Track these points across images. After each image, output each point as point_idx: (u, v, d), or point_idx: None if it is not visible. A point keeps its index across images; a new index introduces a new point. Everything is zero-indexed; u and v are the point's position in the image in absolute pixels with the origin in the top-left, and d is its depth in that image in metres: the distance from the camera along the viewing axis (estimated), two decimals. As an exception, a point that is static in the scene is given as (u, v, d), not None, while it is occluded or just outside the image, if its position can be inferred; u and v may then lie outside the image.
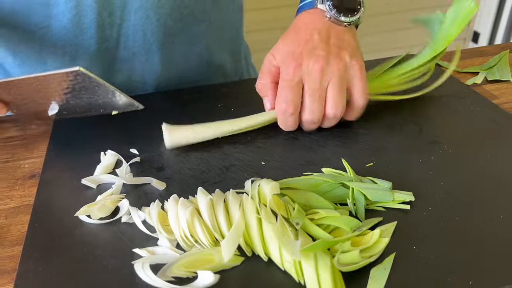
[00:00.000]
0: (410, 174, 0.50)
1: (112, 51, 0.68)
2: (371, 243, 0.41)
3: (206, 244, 0.41)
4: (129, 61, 0.70)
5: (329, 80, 0.52)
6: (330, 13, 0.55)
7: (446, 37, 0.61)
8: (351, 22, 0.55)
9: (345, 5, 0.55)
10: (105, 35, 0.66)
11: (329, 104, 0.53)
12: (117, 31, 0.66)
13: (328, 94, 0.53)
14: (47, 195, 0.50)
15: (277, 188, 0.44)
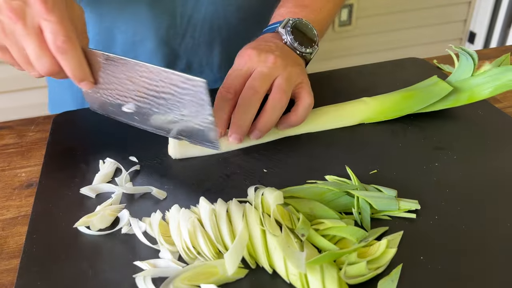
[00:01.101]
0: (415, 181, 0.50)
1: (178, 39, 0.72)
2: (378, 254, 0.40)
3: (209, 256, 0.40)
4: (191, 50, 0.74)
5: (279, 73, 0.53)
6: (287, 37, 0.58)
7: (473, 95, 0.59)
8: (303, 53, 0.59)
9: (302, 38, 0.59)
10: (175, 22, 0.70)
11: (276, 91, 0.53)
12: (187, 21, 0.70)
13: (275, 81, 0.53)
14: (44, 205, 0.49)
15: (281, 198, 0.43)
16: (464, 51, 0.62)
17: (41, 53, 0.45)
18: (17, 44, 0.45)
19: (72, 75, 0.47)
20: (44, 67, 0.45)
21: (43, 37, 0.44)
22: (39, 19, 0.44)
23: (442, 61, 0.77)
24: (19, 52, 0.45)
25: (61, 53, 0.44)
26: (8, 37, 0.45)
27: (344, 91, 0.68)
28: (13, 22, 0.43)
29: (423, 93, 0.60)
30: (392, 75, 0.72)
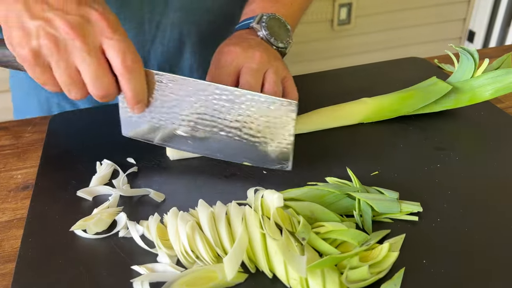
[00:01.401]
0: (417, 183, 0.49)
1: (147, 45, 0.71)
2: (380, 257, 0.39)
3: (208, 260, 0.40)
4: (161, 56, 0.73)
5: (267, 68, 0.53)
6: (263, 32, 0.57)
7: (474, 97, 0.58)
8: (279, 48, 0.58)
9: (276, 32, 0.58)
10: (143, 29, 0.68)
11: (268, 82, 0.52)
12: (155, 26, 0.69)
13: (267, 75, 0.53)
14: (40, 208, 0.48)
15: (281, 200, 0.42)
16: (464, 50, 0.61)
17: (101, 74, 0.43)
18: (68, 62, 0.42)
19: (133, 96, 0.45)
20: (102, 88, 0.43)
21: (104, 57, 0.43)
22: (101, 38, 0.42)
23: (443, 60, 0.76)
24: (67, 71, 0.43)
25: (129, 73, 0.43)
26: (59, 54, 0.42)
27: (344, 91, 0.67)
28: (70, 38, 0.41)
29: (422, 92, 0.60)
30: (392, 75, 0.71)
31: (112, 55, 0.42)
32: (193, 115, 0.48)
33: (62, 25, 0.41)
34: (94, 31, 0.42)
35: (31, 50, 0.41)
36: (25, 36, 0.41)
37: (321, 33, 2.02)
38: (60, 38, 0.41)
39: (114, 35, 0.42)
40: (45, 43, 0.41)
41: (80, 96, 0.45)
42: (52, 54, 0.42)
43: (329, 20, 2.00)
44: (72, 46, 0.41)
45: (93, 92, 0.44)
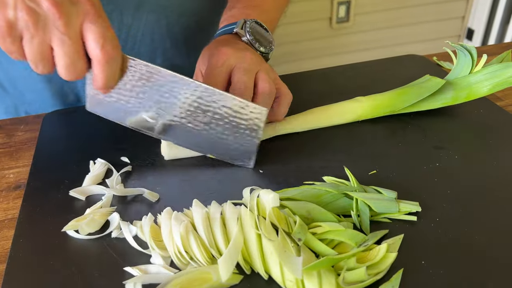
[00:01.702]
0: (415, 182, 0.48)
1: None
2: (378, 258, 0.38)
3: (202, 261, 0.39)
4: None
5: (259, 68, 0.53)
6: (247, 37, 0.57)
7: (472, 93, 0.58)
8: (263, 53, 0.58)
9: (259, 38, 0.59)
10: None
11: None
12: (126, 32, 0.66)
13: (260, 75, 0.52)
14: (32, 208, 0.47)
15: (277, 200, 0.41)
16: (462, 47, 0.60)
17: (76, 58, 0.41)
18: (44, 39, 0.40)
19: (104, 83, 0.43)
20: (74, 72, 0.42)
21: (81, 40, 0.41)
22: (84, 21, 0.40)
23: (442, 58, 0.75)
24: (40, 47, 0.40)
25: (106, 61, 0.41)
26: (37, 30, 0.39)
27: (341, 89, 0.66)
28: (53, 16, 0.38)
29: (415, 88, 0.59)
30: (391, 72, 0.70)
31: (92, 40, 0.40)
32: (161, 104, 0.48)
33: (45, 0, 0.38)
34: (78, 12, 0.40)
35: (5, 21, 0.38)
36: (1, 5, 0.38)
37: (319, 31, 2.01)
38: (40, 13, 0.39)
39: (98, 20, 0.40)
40: (23, 15, 0.38)
41: (47, 72, 0.43)
42: (28, 29, 0.39)
43: (328, 18, 1.99)
44: (52, 24, 0.39)
45: (62, 74, 0.42)
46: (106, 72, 0.42)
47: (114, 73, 0.43)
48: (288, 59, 2.04)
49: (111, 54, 0.41)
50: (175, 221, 0.41)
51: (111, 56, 0.41)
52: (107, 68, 0.42)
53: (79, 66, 0.42)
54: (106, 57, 0.41)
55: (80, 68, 0.42)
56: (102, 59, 0.41)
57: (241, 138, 0.49)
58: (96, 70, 0.42)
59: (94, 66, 0.42)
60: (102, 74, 0.42)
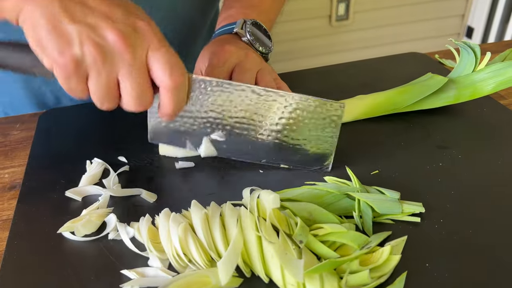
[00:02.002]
0: (418, 182, 0.47)
1: None
2: (381, 261, 0.37)
3: (201, 264, 0.38)
4: None
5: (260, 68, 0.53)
6: (248, 37, 0.56)
7: (476, 92, 0.57)
8: (263, 53, 0.58)
9: (260, 39, 0.58)
10: None
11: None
12: None
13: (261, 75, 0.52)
14: (27, 208, 0.46)
15: (278, 201, 0.40)
16: (465, 44, 0.60)
17: (145, 90, 0.39)
18: (111, 74, 0.38)
19: (172, 112, 0.42)
20: (142, 105, 0.40)
21: (147, 71, 0.39)
22: (148, 50, 0.38)
23: (444, 55, 0.74)
24: (107, 83, 0.39)
25: (175, 88, 0.40)
26: (104, 65, 0.37)
27: (342, 87, 0.65)
28: (120, 49, 0.37)
29: (417, 86, 0.58)
30: (392, 70, 0.69)
31: (159, 68, 0.39)
32: (231, 119, 0.47)
33: (110, 33, 0.36)
34: (142, 42, 0.38)
35: (72, 58, 0.37)
36: (65, 42, 0.36)
37: (319, 29, 2.00)
38: (106, 47, 0.37)
39: (161, 47, 0.39)
40: (90, 51, 0.36)
41: (112, 108, 0.41)
42: (96, 64, 0.37)
43: (327, 16, 1.98)
44: (119, 57, 0.37)
45: (131, 107, 0.41)
46: (175, 100, 0.41)
47: (182, 101, 0.42)
48: (287, 57, 2.03)
49: (179, 81, 0.40)
50: (173, 223, 0.40)
51: (179, 83, 0.40)
52: (176, 95, 0.41)
53: (147, 96, 0.40)
54: (174, 85, 0.40)
55: (149, 98, 0.40)
56: (171, 88, 0.40)
57: (317, 141, 0.47)
58: (164, 99, 0.41)
59: (163, 95, 0.41)
60: (171, 102, 0.41)
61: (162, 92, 0.40)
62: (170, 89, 0.40)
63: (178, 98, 0.41)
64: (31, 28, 0.37)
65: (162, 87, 0.40)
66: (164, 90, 0.40)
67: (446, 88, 0.57)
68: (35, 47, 0.38)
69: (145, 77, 0.39)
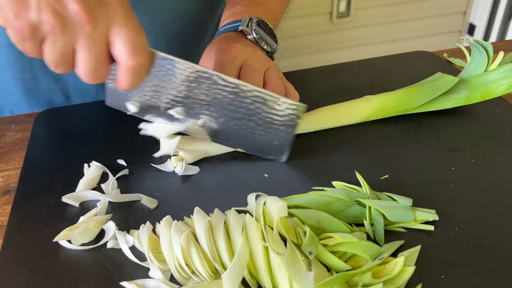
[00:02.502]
0: (430, 187, 0.45)
1: None
2: (395, 273, 0.35)
3: (205, 276, 0.36)
4: None
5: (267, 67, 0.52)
6: (253, 36, 0.56)
7: (488, 93, 0.55)
8: (268, 52, 0.57)
9: (265, 37, 0.57)
10: None
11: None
12: None
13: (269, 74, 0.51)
14: (22, 215, 0.44)
15: (285, 209, 0.38)
16: (477, 43, 0.57)
17: (101, 64, 0.38)
18: (68, 43, 0.36)
19: (129, 86, 0.40)
20: (96, 78, 0.39)
21: (107, 44, 0.37)
22: (112, 24, 0.36)
23: (452, 54, 0.72)
24: (62, 50, 0.37)
25: (135, 69, 0.38)
26: (62, 34, 0.35)
27: (348, 87, 0.63)
28: (80, 20, 0.35)
29: (427, 86, 0.56)
30: (399, 69, 0.67)
31: (121, 45, 0.37)
32: (190, 99, 0.46)
33: (72, 3, 0.34)
34: (106, 14, 0.36)
35: (28, 24, 0.35)
36: (22, 5, 0.34)
37: (320, 26, 1.98)
38: (66, 16, 0.35)
39: (127, 23, 0.37)
40: (47, 18, 0.34)
41: (65, 72, 0.39)
42: (53, 33, 0.35)
43: (328, 13, 1.96)
44: (78, 28, 0.35)
45: (84, 77, 0.39)
46: (134, 79, 0.39)
47: (142, 78, 0.40)
48: (287, 54, 2.01)
49: (141, 62, 0.38)
50: (175, 232, 0.38)
51: (140, 64, 0.38)
52: (135, 75, 0.39)
53: (103, 71, 0.39)
54: (136, 65, 0.38)
55: (104, 72, 0.39)
56: (131, 67, 0.38)
57: (275, 134, 0.48)
58: (122, 75, 0.39)
59: (121, 71, 0.39)
60: (129, 79, 0.39)
61: (120, 68, 0.39)
62: (130, 69, 0.38)
63: (136, 77, 0.39)
64: None
65: (121, 64, 0.38)
66: (124, 68, 0.38)
67: (457, 89, 0.55)
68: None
69: (103, 51, 0.37)
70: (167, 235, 0.38)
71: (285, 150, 0.49)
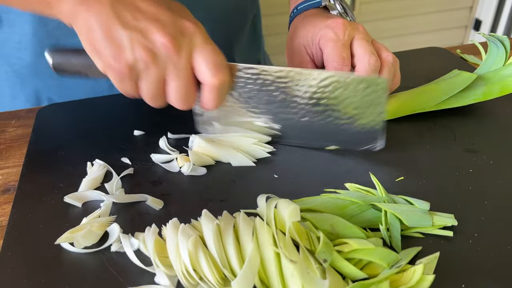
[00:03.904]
0: (447, 190, 0.43)
1: None
2: (414, 282, 0.34)
3: (213, 282, 0.34)
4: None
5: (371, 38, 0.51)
6: (338, 9, 0.55)
7: (506, 87, 0.53)
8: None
9: (347, 11, 0.57)
10: None
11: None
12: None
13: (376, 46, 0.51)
14: (23, 215, 0.42)
15: (297, 213, 0.37)
16: (494, 37, 0.55)
17: (191, 91, 0.41)
18: (160, 76, 0.40)
19: (215, 105, 0.43)
20: (190, 101, 0.42)
21: (192, 72, 0.40)
22: (193, 50, 0.39)
23: (465, 50, 0.70)
24: (157, 84, 0.40)
25: (218, 88, 0.41)
26: (155, 68, 0.39)
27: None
28: (167, 52, 0.38)
29: (444, 84, 0.54)
30: (412, 66, 0.65)
31: (203, 67, 0.40)
32: (272, 105, 0.46)
33: (159, 37, 0.38)
34: (188, 43, 0.39)
35: (126, 64, 0.39)
36: (119, 48, 0.38)
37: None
38: (156, 51, 0.38)
39: (206, 46, 0.40)
40: (141, 56, 0.38)
41: (162, 105, 0.43)
42: (147, 68, 0.39)
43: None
44: (167, 59, 0.39)
45: (177, 104, 0.42)
46: (218, 97, 0.42)
47: (224, 95, 0.43)
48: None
49: (223, 80, 0.41)
50: (182, 236, 0.36)
51: (222, 82, 0.41)
52: (218, 93, 0.42)
53: (192, 96, 0.42)
54: (218, 84, 0.41)
55: (193, 97, 0.42)
56: (214, 86, 0.41)
57: (364, 118, 0.45)
58: (208, 96, 0.42)
59: (206, 92, 0.42)
60: (214, 99, 0.42)
61: (205, 89, 0.41)
62: (213, 88, 0.41)
63: (220, 95, 0.42)
64: (86, 32, 0.39)
65: (206, 86, 0.41)
66: (208, 88, 0.41)
67: (473, 85, 0.53)
68: (89, 50, 0.40)
69: (190, 77, 0.40)
70: (174, 239, 0.37)
71: (379, 135, 0.46)
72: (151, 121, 0.53)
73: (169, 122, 0.53)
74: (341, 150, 0.49)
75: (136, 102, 0.46)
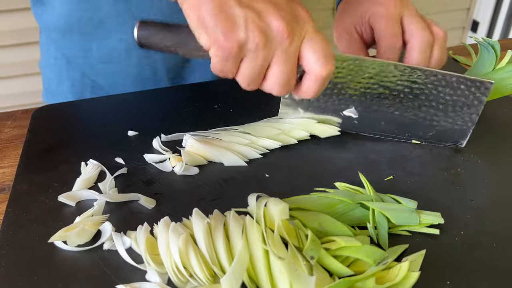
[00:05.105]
0: (435, 189, 0.44)
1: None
2: (399, 278, 0.34)
3: (203, 279, 0.35)
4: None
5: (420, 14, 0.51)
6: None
7: (496, 91, 0.53)
8: None
9: None
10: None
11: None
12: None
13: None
14: (17, 214, 0.43)
15: (286, 212, 0.37)
16: (485, 41, 0.56)
17: (292, 76, 0.40)
18: (267, 59, 0.39)
19: (316, 94, 0.41)
20: (289, 87, 0.41)
21: (297, 58, 0.39)
22: (304, 38, 0.39)
23: (457, 52, 0.71)
24: (261, 67, 0.39)
25: (326, 77, 0.40)
26: (264, 50, 0.38)
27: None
28: (281, 36, 0.37)
29: None
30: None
31: (311, 56, 0.39)
32: (366, 96, 0.47)
33: (275, 20, 0.37)
34: (300, 30, 0.38)
35: (236, 43, 0.37)
36: (232, 25, 0.37)
37: (322, 21, 1.97)
38: (269, 34, 0.37)
39: (317, 34, 0.39)
40: (254, 36, 0.37)
41: (255, 88, 0.41)
42: (256, 49, 0.38)
43: (331, 9, 1.94)
44: (278, 44, 0.38)
45: (276, 90, 0.41)
46: (322, 87, 0.41)
47: (323, 88, 0.42)
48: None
49: (331, 71, 0.40)
50: (173, 234, 0.37)
51: (330, 73, 0.40)
52: (324, 83, 0.41)
53: (292, 82, 0.40)
54: (326, 74, 0.39)
55: (293, 83, 0.41)
56: (321, 76, 0.40)
57: (457, 117, 0.46)
58: (310, 85, 0.41)
59: (309, 81, 0.40)
60: (317, 88, 0.41)
61: (309, 78, 0.40)
62: (319, 78, 0.40)
63: (324, 85, 0.41)
64: (195, 8, 0.37)
65: (311, 74, 0.40)
66: (313, 77, 0.40)
67: None
68: (196, 25, 0.38)
69: (295, 64, 0.39)
70: (165, 237, 0.37)
71: (467, 134, 0.47)
72: (145, 122, 0.54)
73: (163, 123, 0.54)
74: (340, 149, 0.50)
75: (130, 103, 0.47)
